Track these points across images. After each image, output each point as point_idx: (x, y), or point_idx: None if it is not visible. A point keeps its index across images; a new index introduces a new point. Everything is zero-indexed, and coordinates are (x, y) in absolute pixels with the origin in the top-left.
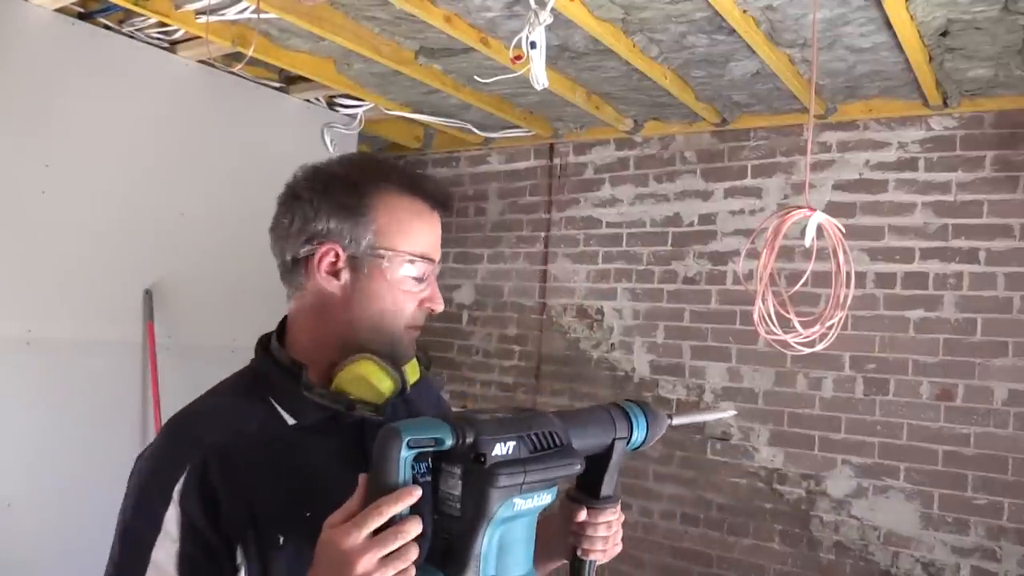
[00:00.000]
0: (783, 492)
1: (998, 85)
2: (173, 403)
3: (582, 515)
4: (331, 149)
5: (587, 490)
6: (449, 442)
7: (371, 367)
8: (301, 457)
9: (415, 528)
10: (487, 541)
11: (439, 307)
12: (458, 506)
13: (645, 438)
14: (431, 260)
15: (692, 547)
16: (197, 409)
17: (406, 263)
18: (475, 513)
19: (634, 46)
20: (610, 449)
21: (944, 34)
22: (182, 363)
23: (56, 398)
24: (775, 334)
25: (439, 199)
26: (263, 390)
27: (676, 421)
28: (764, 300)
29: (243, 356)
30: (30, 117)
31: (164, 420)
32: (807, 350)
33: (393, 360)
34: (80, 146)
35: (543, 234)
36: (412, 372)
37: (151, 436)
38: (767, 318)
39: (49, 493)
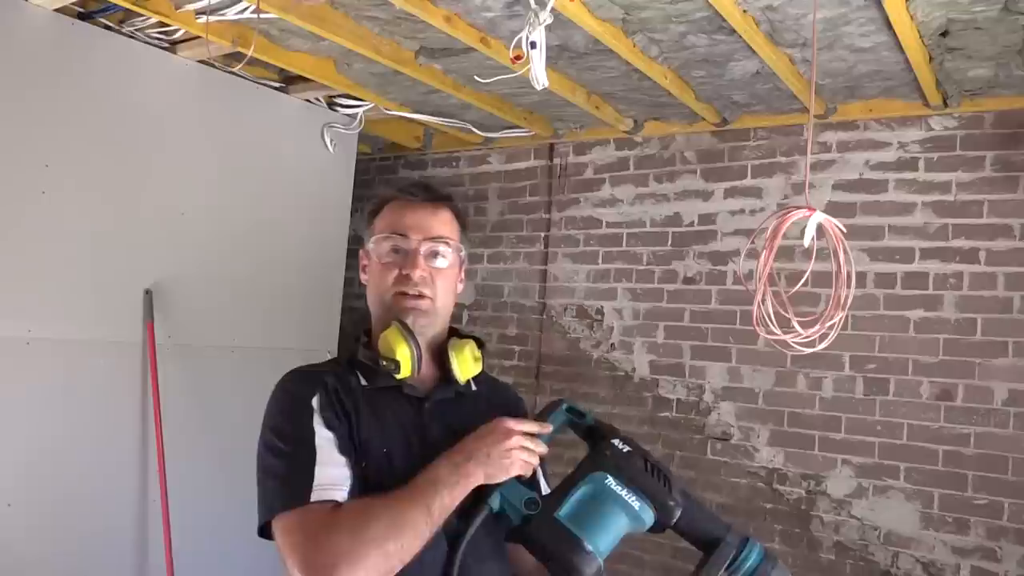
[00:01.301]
0: (783, 492)
1: (998, 85)
2: (173, 403)
3: None
4: (331, 149)
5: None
6: (588, 421)
7: (394, 333)
8: (376, 409)
9: (542, 448)
10: (577, 491)
11: (412, 271)
12: (575, 467)
13: (754, 569)
14: (399, 234)
15: (692, 547)
16: (307, 366)
17: (380, 241)
18: (581, 469)
19: (634, 46)
20: (714, 545)
21: (944, 34)
22: (182, 363)
23: (56, 398)
24: (774, 334)
25: (406, 188)
26: (351, 363)
27: None
28: (763, 300)
29: (243, 356)
30: (30, 117)
31: (164, 420)
32: (807, 350)
33: (404, 326)
34: (80, 146)
35: (543, 234)
36: (463, 364)
37: (151, 436)
38: (766, 318)
39: (49, 493)
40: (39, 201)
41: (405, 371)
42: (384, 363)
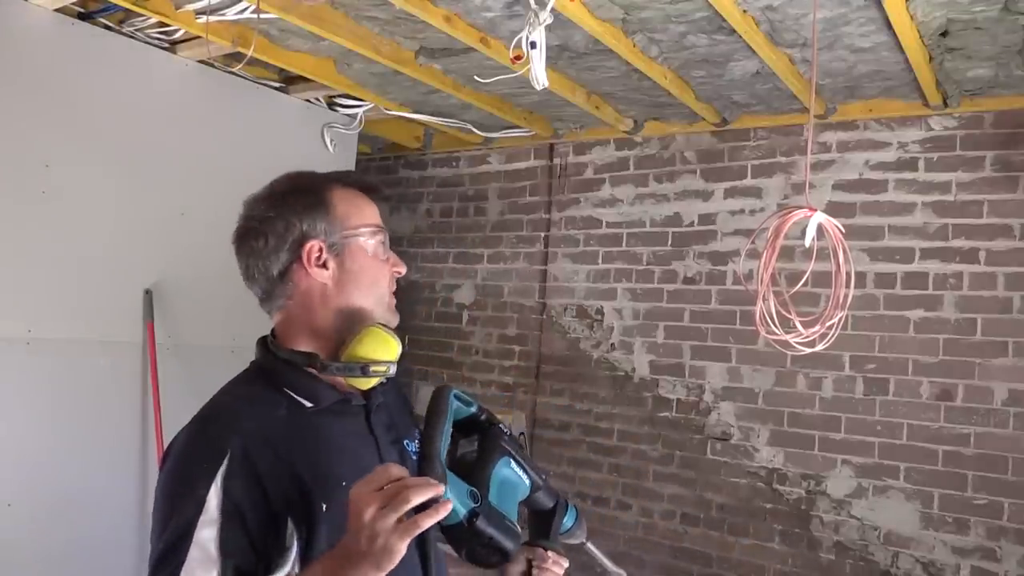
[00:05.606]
0: (783, 492)
1: (998, 85)
2: (173, 403)
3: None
4: (331, 149)
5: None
6: (474, 409)
7: (380, 332)
8: (324, 434)
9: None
10: (495, 472)
11: (403, 269)
12: (475, 454)
13: (570, 528)
14: (383, 228)
15: (692, 547)
16: (223, 402)
17: (373, 234)
18: (489, 453)
19: (634, 46)
20: (553, 510)
21: (944, 34)
22: (182, 363)
23: (56, 398)
24: (776, 334)
25: (370, 185)
26: (277, 383)
27: (588, 544)
28: (765, 300)
29: (243, 356)
30: (30, 117)
31: (164, 420)
32: (807, 350)
33: (383, 325)
34: (80, 146)
35: (543, 234)
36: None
37: (151, 436)
38: (768, 318)
39: (49, 493)
40: (39, 201)
41: (390, 371)
42: (375, 368)
